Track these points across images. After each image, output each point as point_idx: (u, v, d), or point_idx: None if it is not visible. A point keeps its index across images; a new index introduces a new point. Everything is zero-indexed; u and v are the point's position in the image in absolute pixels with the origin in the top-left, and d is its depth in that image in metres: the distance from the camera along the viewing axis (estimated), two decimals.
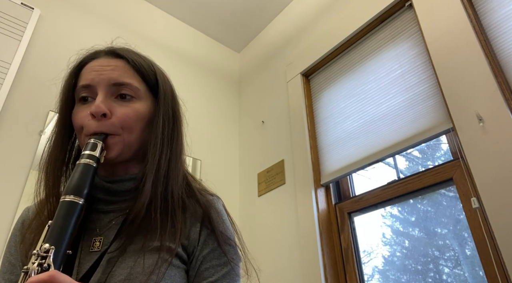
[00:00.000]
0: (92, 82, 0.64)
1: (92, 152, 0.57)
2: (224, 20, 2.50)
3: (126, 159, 0.65)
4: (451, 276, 1.29)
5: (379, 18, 1.70)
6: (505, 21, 1.25)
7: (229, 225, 0.68)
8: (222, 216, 0.67)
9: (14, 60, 1.58)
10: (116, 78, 0.64)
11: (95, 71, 0.65)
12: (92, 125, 0.61)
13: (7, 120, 1.50)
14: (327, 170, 1.73)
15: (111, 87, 0.64)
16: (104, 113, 0.61)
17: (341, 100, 1.79)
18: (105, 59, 0.67)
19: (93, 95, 0.64)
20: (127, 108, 0.64)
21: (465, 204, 1.21)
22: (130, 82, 0.65)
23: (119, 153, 0.62)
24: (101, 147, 0.58)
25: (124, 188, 0.66)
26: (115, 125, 0.62)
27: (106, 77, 0.64)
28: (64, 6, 1.91)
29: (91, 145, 0.58)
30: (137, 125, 0.64)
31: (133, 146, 0.65)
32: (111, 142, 0.61)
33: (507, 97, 1.15)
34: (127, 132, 0.63)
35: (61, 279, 0.43)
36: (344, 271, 1.52)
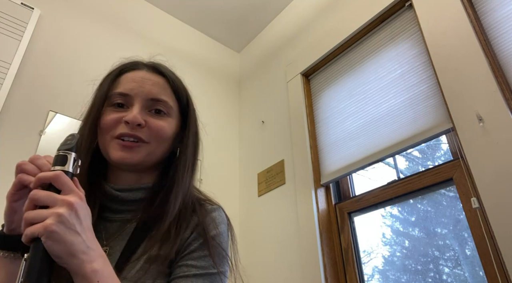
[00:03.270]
0: (131, 92, 0.66)
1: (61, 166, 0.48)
2: (224, 20, 2.50)
3: (144, 168, 0.67)
4: (451, 276, 1.29)
5: (379, 18, 1.70)
6: (505, 21, 1.25)
7: (224, 233, 0.65)
8: (217, 223, 0.65)
9: (14, 60, 1.58)
10: (155, 94, 0.67)
11: (136, 83, 0.67)
12: (124, 128, 0.63)
13: (7, 120, 1.50)
14: (327, 170, 1.73)
15: (148, 101, 0.66)
16: (140, 123, 0.63)
17: (341, 100, 1.79)
18: (146, 73, 0.70)
19: (128, 104, 0.66)
20: (161, 122, 0.67)
21: (465, 204, 1.21)
22: (166, 100, 0.68)
23: (142, 159, 0.64)
24: (74, 158, 0.49)
25: (134, 197, 0.66)
26: (147, 133, 0.64)
27: (145, 91, 0.66)
28: (64, 6, 1.91)
29: (60, 158, 0.49)
30: (165, 139, 0.67)
31: (155, 156, 0.67)
32: (139, 148, 0.63)
33: (507, 97, 1.15)
34: (155, 143, 0.66)
35: (65, 179, 0.46)
36: (344, 271, 1.52)
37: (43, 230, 0.41)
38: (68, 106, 1.70)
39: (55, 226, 0.42)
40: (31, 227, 0.42)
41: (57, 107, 1.66)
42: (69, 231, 0.43)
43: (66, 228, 0.43)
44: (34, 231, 0.42)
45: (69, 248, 0.43)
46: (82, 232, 0.45)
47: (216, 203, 0.71)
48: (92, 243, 0.46)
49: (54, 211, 0.43)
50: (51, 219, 0.42)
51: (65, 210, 0.43)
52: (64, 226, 0.43)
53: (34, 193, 0.44)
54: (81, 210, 0.46)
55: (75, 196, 0.46)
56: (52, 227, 0.42)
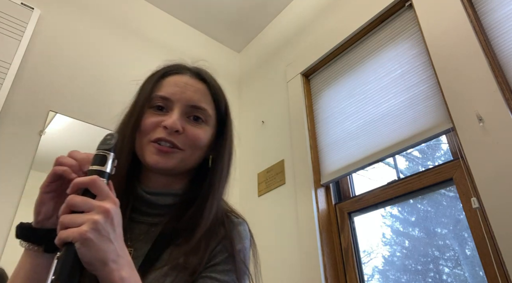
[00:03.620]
0: (172, 97, 0.66)
1: (100, 166, 0.48)
2: (224, 20, 2.50)
3: (176, 173, 0.67)
4: (451, 276, 1.29)
5: (379, 18, 1.69)
6: (505, 21, 1.25)
7: (247, 249, 0.67)
8: (242, 237, 0.66)
9: (14, 60, 1.58)
10: (196, 101, 0.67)
11: (178, 88, 0.68)
12: (162, 133, 0.63)
13: (7, 120, 1.50)
14: (327, 170, 1.73)
15: (188, 107, 0.67)
16: (178, 130, 0.63)
17: (341, 100, 1.79)
18: (189, 78, 0.70)
19: (168, 108, 0.66)
20: (198, 130, 0.67)
21: (465, 204, 1.21)
22: (206, 108, 0.69)
23: (176, 165, 0.64)
24: (112, 158, 0.49)
25: (163, 202, 0.66)
26: (183, 141, 0.64)
27: (187, 97, 0.67)
28: (64, 6, 1.91)
29: (100, 158, 0.48)
30: (200, 147, 0.67)
31: (188, 164, 0.67)
32: (174, 154, 0.64)
33: (507, 97, 1.15)
34: (190, 150, 0.66)
35: (101, 185, 0.46)
36: (344, 271, 1.52)
37: (78, 237, 0.41)
38: (68, 106, 1.70)
39: (90, 234, 0.42)
40: (66, 231, 0.42)
41: (57, 107, 1.66)
42: (103, 238, 0.43)
43: (100, 236, 0.43)
44: (69, 236, 0.41)
45: (101, 256, 0.43)
46: (114, 240, 0.45)
47: (241, 216, 0.71)
48: (122, 251, 0.46)
49: (90, 217, 0.43)
50: (86, 225, 0.42)
51: (101, 217, 0.43)
52: (98, 233, 0.43)
53: (71, 198, 0.44)
54: (116, 217, 0.46)
55: (111, 203, 0.46)
56: (87, 235, 0.41)
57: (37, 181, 1.47)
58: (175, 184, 0.69)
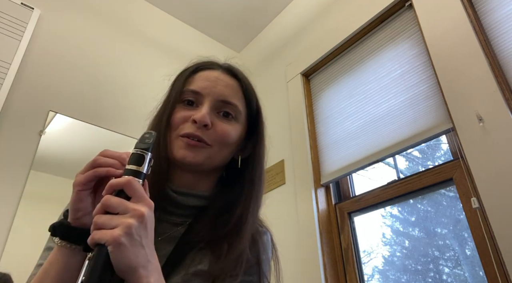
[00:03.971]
0: (202, 91, 0.65)
1: (137, 166, 0.46)
2: (224, 20, 2.50)
3: (202, 171, 0.65)
4: (451, 276, 1.29)
5: (379, 18, 1.69)
6: (505, 21, 1.25)
7: (269, 260, 0.65)
8: (266, 248, 0.65)
9: (14, 60, 1.58)
10: (226, 96, 0.66)
11: (209, 82, 0.67)
12: (191, 128, 0.62)
13: (7, 120, 1.50)
14: (327, 170, 1.73)
15: (218, 102, 0.65)
16: (207, 124, 0.62)
17: (341, 100, 1.79)
18: (221, 74, 0.69)
19: (198, 102, 0.65)
20: (228, 126, 0.65)
21: (465, 204, 1.21)
22: (237, 104, 0.67)
23: (203, 161, 0.62)
24: (149, 158, 0.47)
25: (189, 203, 0.64)
26: (211, 136, 0.63)
27: (217, 91, 0.66)
28: (64, 6, 1.91)
29: (137, 158, 0.47)
30: (228, 144, 0.66)
31: (216, 161, 0.65)
32: (202, 149, 0.62)
33: (507, 97, 1.15)
34: (218, 147, 0.64)
35: (136, 186, 0.45)
36: (344, 271, 1.52)
37: (111, 240, 0.40)
38: (68, 106, 1.70)
39: (123, 238, 0.41)
40: (99, 232, 0.41)
41: (57, 107, 1.66)
42: (135, 243, 0.42)
43: (133, 241, 0.42)
44: (102, 238, 0.41)
45: (132, 261, 0.42)
46: (146, 245, 0.44)
47: (264, 225, 0.71)
48: (152, 256, 0.45)
49: (124, 221, 0.42)
50: (120, 229, 0.41)
51: (135, 221, 0.42)
52: (131, 238, 0.42)
53: (107, 198, 0.43)
54: (150, 221, 0.45)
55: (146, 206, 0.44)
56: (121, 239, 0.40)
57: (37, 181, 1.47)
58: (201, 184, 0.67)
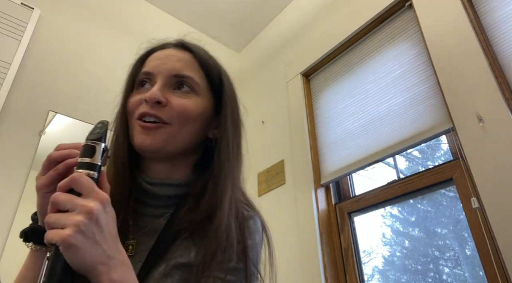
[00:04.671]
0: (153, 70, 0.62)
1: (89, 158, 0.44)
2: (224, 20, 2.50)
3: (169, 155, 0.61)
4: (451, 276, 1.29)
5: (379, 18, 1.69)
6: (505, 21, 1.25)
7: (257, 245, 0.61)
8: (251, 232, 0.61)
9: (14, 60, 1.58)
10: (178, 70, 0.62)
11: (159, 60, 0.63)
12: (145, 107, 0.58)
13: (7, 120, 1.50)
14: (327, 170, 1.73)
15: (171, 78, 0.62)
16: (159, 101, 0.58)
17: (341, 100, 1.79)
18: (172, 50, 0.66)
19: (152, 83, 0.62)
20: (184, 100, 0.61)
21: (465, 204, 1.21)
22: (191, 75, 0.63)
23: (164, 143, 0.58)
24: (102, 149, 0.45)
25: (164, 193, 0.61)
26: (169, 113, 0.59)
27: (168, 67, 0.62)
28: (64, 6, 1.91)
29: (88, 149, 0.45)
30: (189, 119, 0.60)
31: (179, 141, 0.60)
32: (159, 130, 0.58)
33: (507, 97, 1.15)
34: (178, 124, 0.59)
35: (83, 181, 0.43)
36: (344, 271, 1.52)
37: (60, 241, 0.39)
38: (68, 106, 1.70)
39: (72, 239, 0.39)
40: (51, 232, 0.40)
41: (57, 107, 1.66)
42: (88, 241, 0.40)
43: (85, 239, 0.40)
44: (52, 238, 0.39)
45: (86, 259, 0.40)
46: (102, 241, 0.42)
47: (252, 208, 0.66)
48: (114, 251, 0.43)
49: (72, 219, 0.40)
50: (68, 228, 0.39)
51: (83, 218, 0.40)
52: (82, 236, 0.40)
53: (55, 197, 0.42)
54: (102, 216, 0.42)
55: (95, 200, 0.42)
56: (70, 239, 0.39)
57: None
58: (177, 172, 0.63)
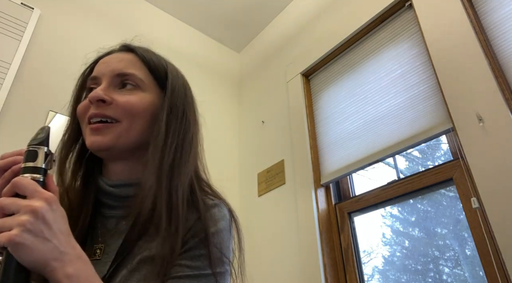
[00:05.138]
0: (98, 74, 0.65)
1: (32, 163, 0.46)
2: (224, 20, 2.50)
3: (123, 153, 0.62)
4: (451, 276, 1.29)
5: (379, 18, 1.69)
6: (505, 21, 1.25)
7: (224, 231, 0.60)
8: (216, 219, 0.60)
9: (14, 60, 1.58)
10: (120, 69, 0.64)
11: (104, 63, 0.66)
12: (92, 109, 0.60)
13: (7, 120, 1.50)
14: (327, 170, 1.73)
15: (114, 78, 0.64)
16: (102, 99, 0.59)
17: (341, 100, 1.79)
18: (116, 53, 0.69)
19: (97, 86, 0.64)
20: (130, 96, 0.62)
21: (465, 204, 1.21)
22: (133, 72, 0.64)
23: (115, 142, 0.59)
24: (45, 152, 0.47)
25: (126, 193, 0.62)
26: (116, 111, 0.60)
27: (111, 68, 0.64)
28: (64, 6, 1.91)
29: (30, 154, 0.46)
30: (137, 114, 0.61)
31: (131, 137, 0.61)
32: (108, 129, 0.59)
33: (507, 97, 1.15)
34: (126, 121, 0.60)
35: (24, 183, 0.43)
36: (344, 271, 1.52)
37: (8, 241, 0.39)
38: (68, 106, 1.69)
39: (19, 237, 0.40)
40: None
41: (57, 107, 1.66)
42: (36, 239, 0.41)
43: (33, 237, 0.41)
44: (0, 241, 0.40)
45: (38, 257, 0.41)
46: (52, 237, 0.42)
47: (219, 197, 0.67)
48: (66, 247, 0.44)
49: (17, 219, 0.41)
50: (15, 229, 0.40)
51: (28, 217, 0.41)
52: (30, 234, 0.40)
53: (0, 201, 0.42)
54: (48, 213, 0.43)
55: (40, 200, 0.43)
56: (16, 239, 0.39)
57: None
58: (135, 172, 0.63)
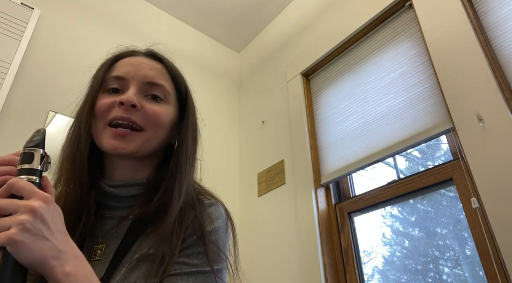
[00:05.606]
0: (126, 75, 0.64)
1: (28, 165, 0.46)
2: (224, 20, 2.50)
3: (138, 159, 0.64)
4: (451, 276, 1.29)
5: (379, 18, 1.69)
6: (505, 21, 1.25)
7: (221, 229, 0.62)
8: (213, 218, 0.62)
9: (14, 60, 1.58)
10: (152, 78, 0.65)
11: (133, 66, 0.65)
12: (118, 111, 0.60)
13: (7, 120, 1.50)
14: (327, 170, 1.73)
15: (144, 84, 0.64)
16: (135, 104, 0.60)
17: (341, 100, 1.79)
18: (143, 58, 0.69)
19: (124, 88, 0.64)
20: (157, 107, 0.64)
21: (465, 204, 1.21)
22: (163, 84, 0.66)
23: (137, 149, 0.61)
24: (41, 154, 0.47)
25: (128, 193, 0.63)
26: (142, 119, 0.61)
27: (142, 74, 0.64)
28: (64, 6, 1.91)
29: (26, 156, 0.47)
30: (161, 126, 0.64)
31: (150, 146, 0.63)
32: (133, 137, 0.60)
33: (507, 97, 1.15)
34: (151, 130, 0.62)
35: (22, 184, 0.43)
36: (344, 271, 1.52)
37: (7, 240, 0.40)
38: (68, 106, 1.69)
39: (18, 236, 0.40)
40: None
41: (57, 107, 1.66)
42: (35, 238, 0.41)
43: (32, 236, 0.41)
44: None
45: (37, 255, 0.41)
46: (51, 237, 0.43)
47: (215, 197, 0.68)
48: (65, 246, 0.44)
49: (16, 219, 0.41)
50: (14, 228, 0.40)
51: (27, 216, 0.41)
52: (29, 233, 0.41)
53: None
54: (47, 213, 0.43)
55: (38, 200, 0.43)
56: (16, 237, 0.40)
57: None
58: (140, 173, 0.65)
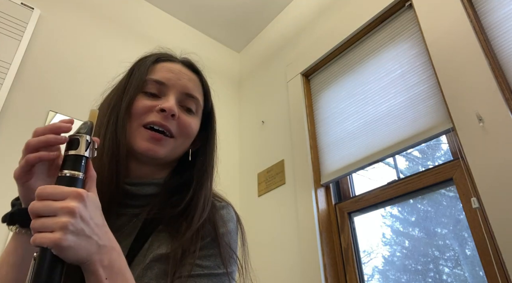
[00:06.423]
0: (167, 82, 0.66)
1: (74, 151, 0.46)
2: (224, 20, 2.50)
3: (160, 162, 0.66)
4: (451, 276, 1.29)
5: (379, 18, 1.69)
6: (505, 21, 1.25)
7: (232, 232, 0.64)
8: (225, 221, 0.64)
9: (14, 60, 1.58)
10: (191, 90, 0.68)
11: (173, 74, 0.68)
12: (156, 117, 0.62)
13: (8, 120, 1.50)
14: (327, 170, 1.73)
15: (182, 95, 0.67)
16: (174, 114, 0.63)
17: (341, 100, 1.79)
18: (182, 67, 0.71)
19: (162, 94, 0.66)
20: (190, 119, 0.68)
21: (465, 204, 1.21)
22: (198, 98, 0.70)
23: (167, 154, 0.64)
24: (87, 140, 0.47)
25: (144, 192, 0.64)
26: (176, 128, 0.65)
27: (182, 84, 0.67)
28: (64, 6, 1.91)
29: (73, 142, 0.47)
30: (190, 137, 0.68)
31: (177, 153, 0.67)
32: (166, 142, 0.63)
33: (507, 97, 1.15)
34: (181, 139, 0.66)
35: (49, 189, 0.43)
36: (344, 271, 1.52)
37: (52, 244, 0.40)
38: (68, 106, 1.70)
39: (65, 241, 0.40)
40: (39, 236, 0.40)
41: (57, 107, 1.66)
42: (78, 238, 0.41)
43: (76, 237, 0.41)
44: (43, 242, 0.40)
45: (81, 254, 0.42)
46: (92, 234, 0.43)
47: (225, 200, 0.70)
48: (104, 239, 0.45)
49: (58, 221, 0.40)
50: (58, 232, 0.40)
51: (68, 218, 0.41)
52: (73, 235, 0.41)
53: (31, 206, 0.42)
54: (84, 211, 0.43)
55: (73, 199, 0.42)
56: (64, 243, 0.40)
57: None
58: (157, 174, 0.67)
